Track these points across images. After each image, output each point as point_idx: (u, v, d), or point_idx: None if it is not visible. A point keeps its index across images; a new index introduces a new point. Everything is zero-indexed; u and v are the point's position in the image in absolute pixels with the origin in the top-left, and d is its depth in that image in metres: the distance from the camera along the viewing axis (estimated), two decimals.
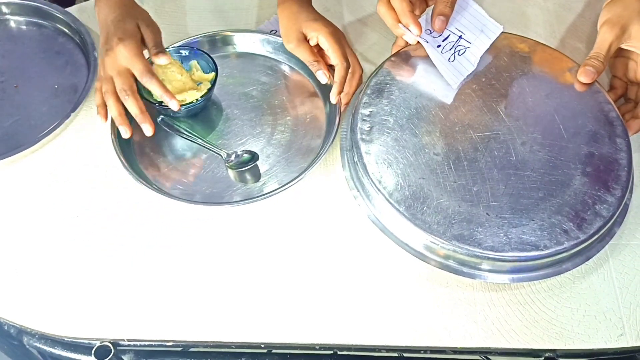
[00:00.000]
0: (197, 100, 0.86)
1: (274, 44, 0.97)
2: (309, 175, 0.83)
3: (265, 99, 0.93)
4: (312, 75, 0.94)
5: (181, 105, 0.84)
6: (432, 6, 0.84)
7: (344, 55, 0.85)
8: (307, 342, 0.73)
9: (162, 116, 0.90)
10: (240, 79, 0.95)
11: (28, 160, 0.88)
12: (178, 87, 0.87)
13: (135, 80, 0.84)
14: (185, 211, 0.82)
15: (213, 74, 0.89)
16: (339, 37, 0.87)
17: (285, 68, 0.97)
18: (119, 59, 0.83)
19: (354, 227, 0.80)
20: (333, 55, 0.85)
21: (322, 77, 0.85)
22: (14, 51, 1.00)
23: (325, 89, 0.91)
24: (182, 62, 0.90)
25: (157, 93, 0.82)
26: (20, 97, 0.94)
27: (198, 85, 0.90)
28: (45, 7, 1.01)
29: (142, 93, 0.85)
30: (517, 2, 1.02)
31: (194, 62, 0.91)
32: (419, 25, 0.81)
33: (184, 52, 0.92)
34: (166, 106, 0.83)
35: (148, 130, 0.84)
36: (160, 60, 0.83)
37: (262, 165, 0.86)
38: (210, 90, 0.88)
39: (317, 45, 0.87)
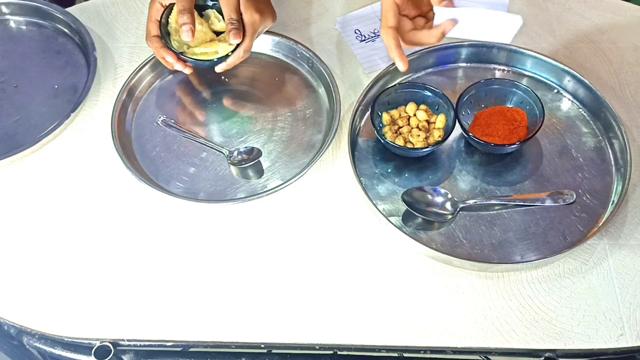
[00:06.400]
0: (216, 59, 0.85)
1: (273, 41, 0.97)
2: (310, 171, 0.83)
3: (265, 95, 0.93)
4: (312, 70, 0.94)
5: (204, 60, 0.85)
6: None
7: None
8: (307, 342, 0.73)
9: (162, 117, 0.90)
10: (241, 76, 0.95)
11: (28, 160, 0.88)
12: (199, 37, 0.86)
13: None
14: (186, 210, 0.82)
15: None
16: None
17: (284, 64, 0.97)
18: None
19: (354, 226, 0.80)
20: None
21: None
22: (14, 51, 1.00)
23: (326, 84, 0.92)
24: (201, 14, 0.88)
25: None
26: (20, 97, 0.94)
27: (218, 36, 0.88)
28: (45, 7, 1.01)
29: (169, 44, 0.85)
30: (517, 2, 1.02)
31: (212, 12, 0.89)
32: (405, 61, 0.81)
33: (200, 2, 0.89)
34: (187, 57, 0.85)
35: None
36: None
37: (264, 161, 0.87)
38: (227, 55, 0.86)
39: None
